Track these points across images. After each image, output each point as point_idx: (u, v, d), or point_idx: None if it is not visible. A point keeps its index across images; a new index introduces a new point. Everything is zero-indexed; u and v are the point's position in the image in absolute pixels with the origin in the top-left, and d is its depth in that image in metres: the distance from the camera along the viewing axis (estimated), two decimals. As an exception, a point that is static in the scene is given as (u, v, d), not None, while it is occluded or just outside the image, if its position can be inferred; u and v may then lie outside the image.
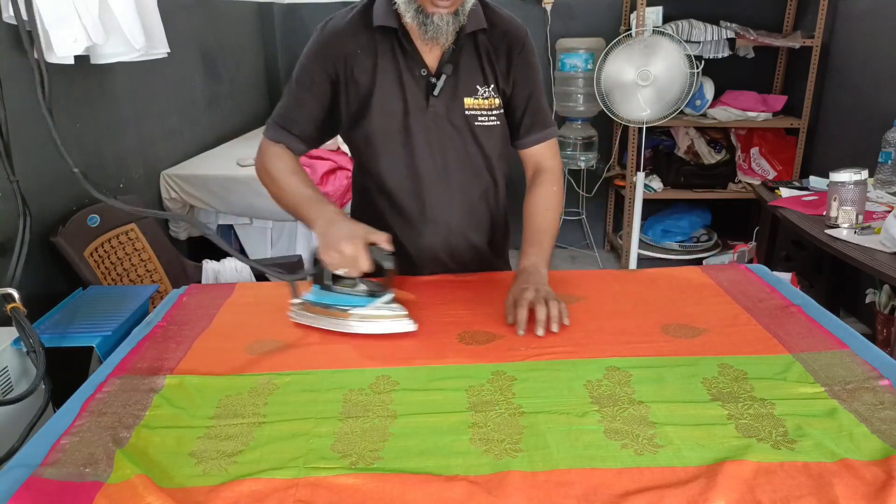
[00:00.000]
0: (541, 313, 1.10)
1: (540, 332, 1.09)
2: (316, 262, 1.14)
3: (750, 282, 1.32)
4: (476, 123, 1.32)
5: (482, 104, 1.31)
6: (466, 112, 1.30)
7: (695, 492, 0.74)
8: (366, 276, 1.12)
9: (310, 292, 1.17)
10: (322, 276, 1.16)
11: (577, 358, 1.04)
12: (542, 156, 1.38)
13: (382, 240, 1.09)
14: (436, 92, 1.28)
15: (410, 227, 1.38)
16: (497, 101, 1.32)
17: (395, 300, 1.13)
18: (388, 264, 1.08)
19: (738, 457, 0.79)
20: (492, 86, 1.31)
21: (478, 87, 1.30)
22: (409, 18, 1.21)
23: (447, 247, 1.40)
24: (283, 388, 0.98)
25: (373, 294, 1.13)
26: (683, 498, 0.73)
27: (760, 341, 1.08)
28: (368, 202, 1.42)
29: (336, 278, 1.15)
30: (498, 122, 1.34)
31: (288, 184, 1.25)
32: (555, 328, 1.10)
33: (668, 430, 0.85)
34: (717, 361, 1.02)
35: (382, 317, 1.11)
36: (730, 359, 1.03)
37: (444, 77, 1.27)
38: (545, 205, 1.34)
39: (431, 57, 1.28)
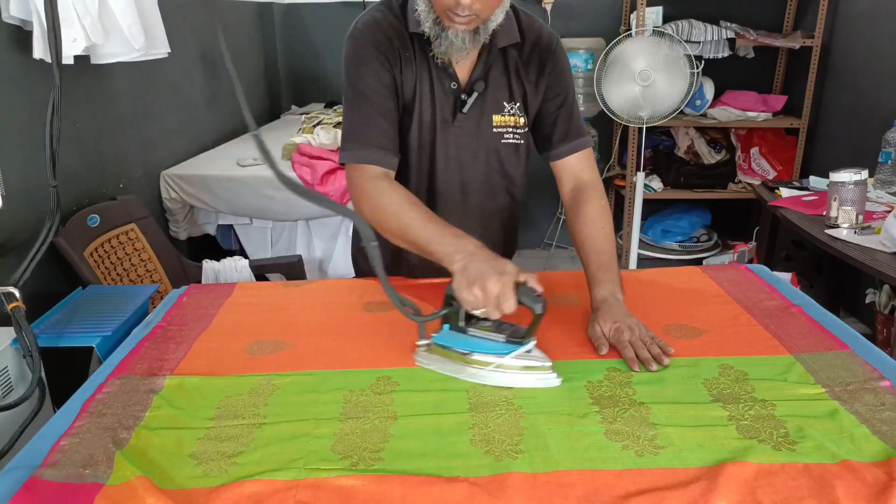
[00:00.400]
0: (643, 354, 1.02)
1: (653, 367, 1.00)
2: (449, 300, 0.99)
3: (750, 282, 1.32)
4: (502, 141, 1.28)
5: (508, 121, 1.27)
6: (494, 129, 1.27)
7: (696, 493, 0.74)
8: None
9: (439, 333, 1.03)
10: (455, 317, 1.02)
11: (577, 359, 1.04)
12: (579, 168, 1.30)
13: (533, 280, 0.94)
14: (465, 109, 1.24)
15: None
16: (523, 119, 1.28)
17: (536, 348, 0.98)
18: (539, 308, 0.93)
19: (739, 458, 0.79)
20: (518, 103, 1.27)
21: (504, 103, 1.26)
22: (426, 27, 1.16)
23: None
24: (283, 389, 0.98)
25: (513, 341, 0.98)
26: (684, 499, 0.73)
27: (761, 342, 1.08)
28: None
29: (469, 319, 1.02)
30: (522, 141, 1.30)
31: (413, 218, 1.09)
32: (661, 365, 1.01)
33: (669, 431, 0.85)
34: (718, 362, 1.02)
35: (526, 368, 0.97)
36: (730, 359, 1.02)
37: (475, 95, 1.23)
38: (599, 223, 1.23)
39: (462, 70, 1.24)
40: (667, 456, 0.81)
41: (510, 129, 1.28)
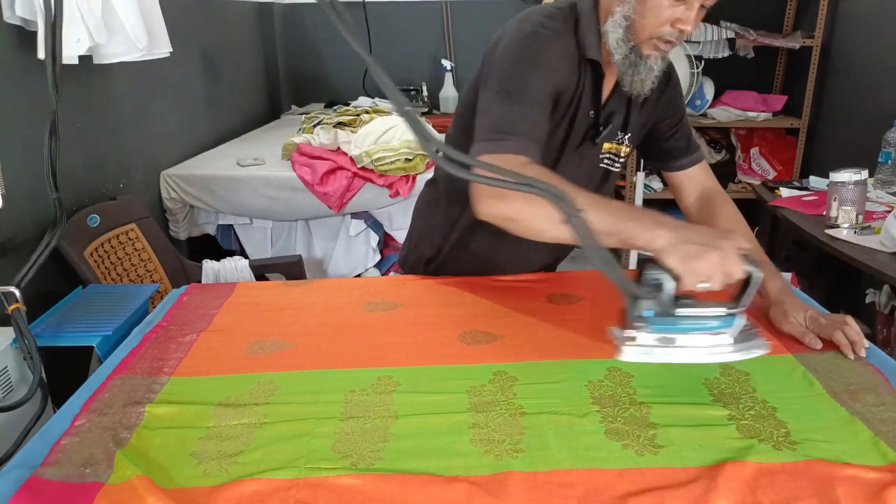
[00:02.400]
0: (855, 337, 1.01)
1: (862, 353, 1.00)
2: (652, 281, 0.89)
3: (750, 282, 1.32)
4: (600, 165, 1.28)
5: (618, 149, 1.27)
6: (601, 154, 1.26)
7: (696, 493, 0.74)
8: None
9: (643, 324, 0.91)
10: (662, 301, 0.90)
11: (578, 358, 1.04)
12: (702, 177, 1.32)
13: (749, 246, 0.90)
14: (598, 140, 1.22)
15: (477, 246, 1.33)
16: (628, 149, 1.28)
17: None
18: (758, 271, 0.88)
19: (739, 458, 0.79)
20: (629, 134, 1.26)
21: (619, 132, 1.26)
22: (618, 57, 1.10)
23: (495, 268, 1.35)
24: (283, 389, 0.98)
25: (730, 313, 0.91)
26: (684, 499, 0.73)
27: (761, 342, 1.08)
28: (443, 207, 1.35)
29: (675, 302, 0.91)
30: (618, 170, 1.30)
31: (586, 204, 0.90)
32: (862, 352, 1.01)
33: (670, 430, 0.85)
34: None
35: (752, 336, 0.92)
36: (731, 359, 1.02)
37: (610, 126, 1.21)
38: (741, 222, 1.26)
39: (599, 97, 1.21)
40: (667, 455, 0.81)
41: (613, 156, 1.28)
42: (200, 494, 0.76)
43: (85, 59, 1.83)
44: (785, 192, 2.41)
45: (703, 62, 2.89)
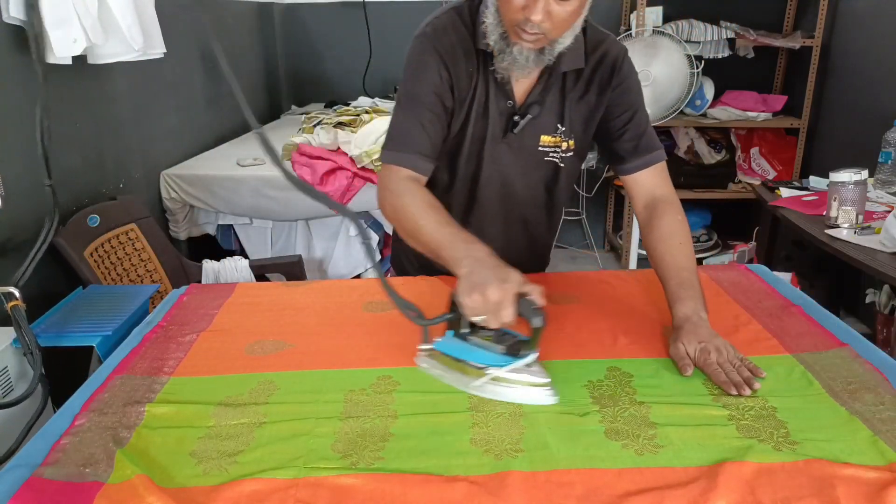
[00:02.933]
0: (735, 377, 0.96)
1: (746, 392, 0.94)
2: (453, 305, 0.97)
3: (750, 282, 1.32)
4: (545, 159, 1.27)
5: (557, 142, 1.26)
6: (539, 148, 1.25)
7: (696, 492, 0.74)
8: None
9: (441, 339, 1.02)
10: (458, 323, 1.01)
11: (578, 358, 1.04)
12: (653, 183, 1.24)
13: (536, 293, 0.92)
14: (516, 130, 1.22)
15: None
16: (568, 143, 1.26)
17: (536, 362, 0.96)
18: (537, 321, 0.92)
19: (739, 457, 0.79)
20: (566, 128, 1.25)
21: (558, 125, 1.24)
22: (492, 41, 1.13)
23: None
24: (283, 389, 0.98)
25: (513, 353, 0.97)
26: (684, 499, 0.73)
27: (761, 341, 1.08)
28: None
29: (473, 327, 1.00)
30: (563, 165, 1.29)
31: (428, 221, 1.07)
32: (752, 389, 0.94)
33: (669, 430, 0.85)
34: (718, 362, 1.02)
35: (521, 383, 0.95)
36: (730, 359, 1.02)
37: (528, 117, 1.21)
38: (678, 237, 1.17)
39: (520, 88, 1.21)
40: (666, 455, 0.81)
41: (556, 150, 1.27)
42: (200, 494, 0.76)
43: (80, 60, 1.82)
44: (785, 192, 2.41)
45: (703, 62, 2.89)
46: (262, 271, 2.31)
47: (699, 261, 3.32)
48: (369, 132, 2.50)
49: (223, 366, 1.05)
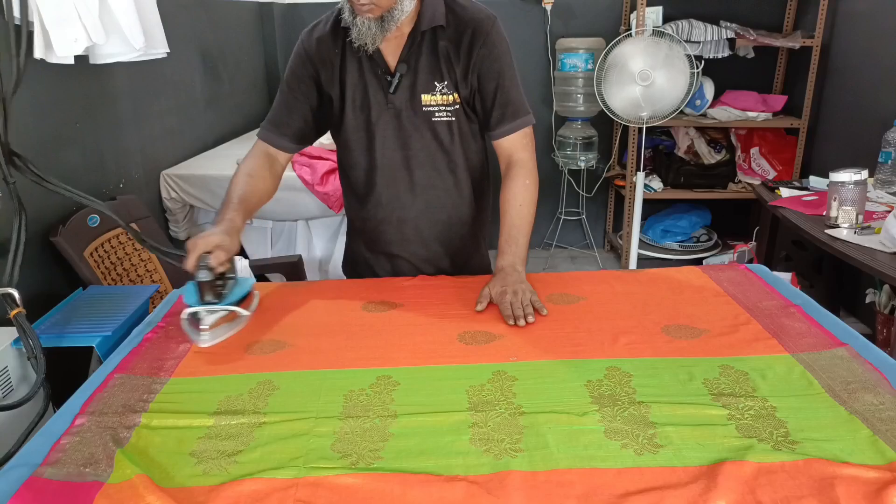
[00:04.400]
0: (517, 311, 1.17)
1: (521, 322, 1.15)
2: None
3: (750, 282, 1.32)
4: (434, 119, 1.34)
5: (439, 100, 1.33)
6: (424, 108, 1.33)
7: (695, 492, 0.74)
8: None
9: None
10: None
11: (577, 358, 1.04)
12: (513, 147, 1.36)
13: (220, 255, 1.13)
14: (392, 90, 1.31)
15: (373, 219, 1.44)
16: (453, 97, 1.33)
17: (220, 315, 1.15)
18: (201, 274, 1.12)
19: (738, 457, 0.79)
20: (445, 82, 1.32)
21: (436, 83, 1.32)
22: (345, 16, 1.25)
23: (403, 238, 1.44)
24: (283, 389, 0.98)
25: (211, 301, 1.15)
26: (684, 498, 0.73)
27: (760, 341, 1.08)
28: (346, 198, 1.51)
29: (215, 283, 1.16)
30: (454, 119, 1.35)
31: (234, 182, 1.31)
32: (528, 321, 1.15)
33: (669, 430, 0.85)
34: (718, 362, 1.02)
35: (201, 324, 1.13)
36: (730, 359, 1.02)
37: (398, 75, 1.31)
38: (518, 199, 1.33)
39: (391, 55, 1.31)
40: (666, 455, 0.81)
41: (441, 107, 1.34)
42: (200, 493, 0.76)
43: (82, 59, 1.82)
44: (785, 192, 2.41)
45: (703, 62, 2.89)
46: (262, 271, 2.31)
47: (699, 261, 3.33)
48: (369, 132, 2.50)
49: (223, 366, 1.05)
